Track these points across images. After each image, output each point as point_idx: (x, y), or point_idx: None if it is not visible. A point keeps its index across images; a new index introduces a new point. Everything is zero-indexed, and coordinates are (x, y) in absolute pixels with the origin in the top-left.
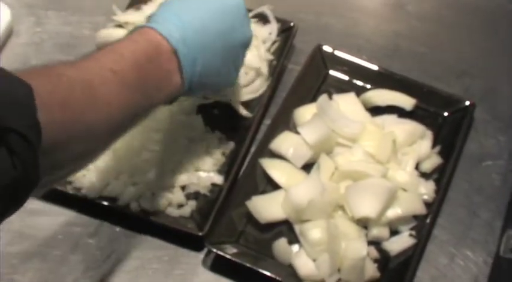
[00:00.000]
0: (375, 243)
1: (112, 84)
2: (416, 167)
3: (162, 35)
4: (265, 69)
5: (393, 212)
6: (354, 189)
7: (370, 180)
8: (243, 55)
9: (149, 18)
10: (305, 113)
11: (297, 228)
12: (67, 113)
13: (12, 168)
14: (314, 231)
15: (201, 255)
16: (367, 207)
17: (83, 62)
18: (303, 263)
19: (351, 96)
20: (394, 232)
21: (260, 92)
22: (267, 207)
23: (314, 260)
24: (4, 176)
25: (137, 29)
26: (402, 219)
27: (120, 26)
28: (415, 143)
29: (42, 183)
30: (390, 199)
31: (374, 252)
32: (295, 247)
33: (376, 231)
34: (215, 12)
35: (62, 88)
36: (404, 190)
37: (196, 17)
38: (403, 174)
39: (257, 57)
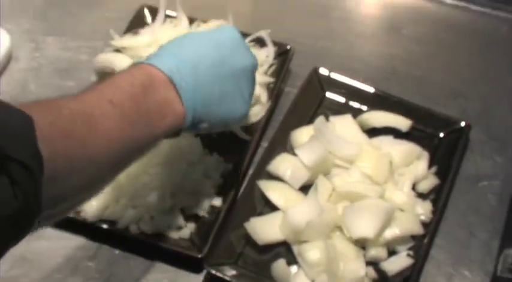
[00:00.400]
0: (373, 263)
1: (112, 116)
2: (413, 188)
3: (157, 67)
4: (264, 97)
5: (391, 232)
6: (351, 210)
7: (368, 201)
8: (250, 81)
9: (146, 58)
10: (302, 134)
11: (295, 249)
12: (68, 144)
13: (14, 198)
14: (312, 252)
15: (200, 277)
16: (364, 228)
17: (82, 94)
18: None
19: (347, 118)
20: (391, 252)
21: (259, 117)
22: (265, 229)
23: (313, 281)
24: (5, 207)
25: (134, 64)
26: (400, 240)
27: (118, 50)
28: (412, 164)
29: (45, 215)
30: (388, 219)
31: (372, 273)
32: (294, 268)
33: (374, 252)
34: (209, 45)
35: (63, 120)
36: (402, 210)
37: (190, 51)
38: (400, 194)
39: (256, 85)
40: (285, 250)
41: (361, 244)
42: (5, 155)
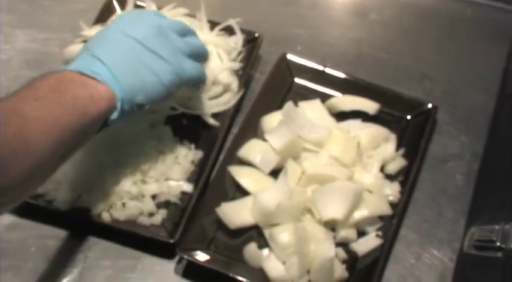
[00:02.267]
0: (343, 244)
1: (40, 107)
2: (382, 170)
3: (66, 69)
4: (235, 85)
5: (360, 214)
6: (320, 192)
7: (337, 183)
8: (164, 42)
9: None
10: (272, 120)
11: (266, 232)
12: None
13: None
14: (283, 235)
15: (173, 263)
16: (334, 210)
17: (5, 99)
18: (273, 266)
19: (316, 103)
20: (361, 233)
21: (229, 105)
22: (236, 213)
23: (284, 263)
24: None
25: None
26: (369, 220)
27: (87, 41)
28: (380, 146)
29: None
30: (356, 201)
31: (342, 254)
32: (265, 251)
33: (344, 233)
34: (112, 27)
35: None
36: (370, 192)
37: (101, 38)
38: (369, 176)
39: (227, 72)
40: (256, 234)
41: (331, 226)
42: None
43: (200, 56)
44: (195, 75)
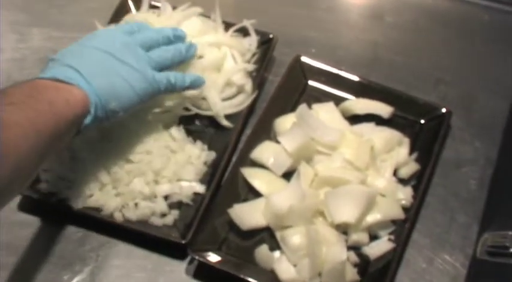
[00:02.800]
0: (354, 248)
1: (17, 111)
2: (395, 174)
3: (38, 77)
4: (249, 86)
5: (372, 217)
6: (333, 195)
7: (350, 187)
8: (130, 53)
9: None
10: (285, 122)
11: (278, 234)
12: None
13: None
14: (294, 237)
15: (184, 263)
16: (346, 213)
17: None
18: (284, 268)
19: (329, 106)
20: (373, 237)
21: (243, 106)
22: (248, 215)
23: (295, 265)
24: None
25: None
26: (381, 224)
27: None
28: (393, 150)
29: None
30: (369, 204)
31: (354, 257)
32: (277, 253)
33: (356, 237)
34: (83, 42)
35: None
36: (383, 196)
37: (71, 51)
38: (382, 180)
39: (241, 74)
40: (268, 236)
41: (343, 229)
42: None
43: (175, 65)
44: (168, 86)
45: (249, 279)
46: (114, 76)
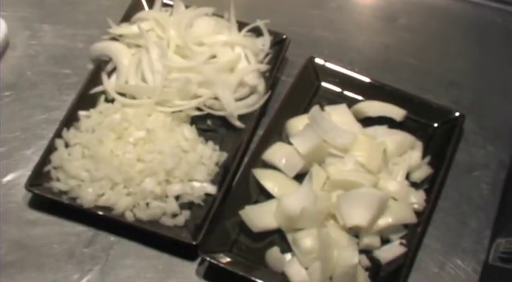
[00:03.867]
0: (366, 252)
1: None
2: (407, 177)
3: None
4: (261, 87)
5: (384, 221)
6: (345, 198)
7: (362, 190)
8: None
9: None
10: (297, 123)
11: (289, 237)
12: None
13: None
14: (306, 240)
15: (195, 264)
16: (358, 216)
17: None
18: (296, 271)
19: (342, 108)
20: (385, 241)
21: (256, 107)
22: (259, 216)
23: (306, 268)
24: None
25: None
26: (393, 228)
27: (114, 38)
28: (406, 154)
29: None
30: (381, 208)
31: (365, 261)
32: (288, 255)
33: (368, 240)
34: None
35: None
36: (395, 199)
37: None
38: (394, 183)
39: (254, 74)
40: (279, 238)
41: (355, 232)
42: None
43: None
44: None
45: (260, 281)
46: None
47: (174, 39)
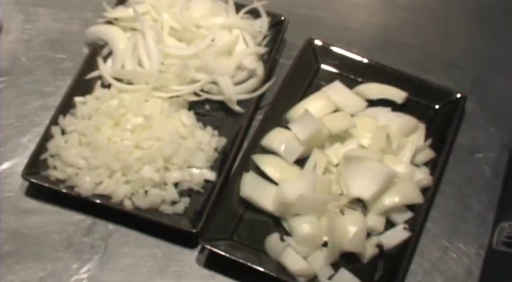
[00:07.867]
0: (369, 236)
1: None
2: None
3: None
4: (260, 70)
5: (391, 200)
6: (352, 168)
7: (370, 163)
8: None
9: None
10: (296, 109)
11: (286, 224)
12: None
13: None
14: (304, 226)
15: (195, 252)
16: (363, 188)
17: None
18: (293, 258)
19: (337, 85)
20: (389, 225)
21: (256, 93)
22: (259, 193)
23: (304, 255)
24: None
25: None
26: (398, 209)
27: (109, 22)
28: (409, 136)
29: None
30: (387, 184)
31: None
32: (287, 242)
33: (372, 222)
34: None
35: None
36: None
37: None
38: (401, 164)
39: (252, 57)
40: (278, 225)
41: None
42: None
43: None
44: None
45: (260, 268)
46: None
47: (168, 22)
